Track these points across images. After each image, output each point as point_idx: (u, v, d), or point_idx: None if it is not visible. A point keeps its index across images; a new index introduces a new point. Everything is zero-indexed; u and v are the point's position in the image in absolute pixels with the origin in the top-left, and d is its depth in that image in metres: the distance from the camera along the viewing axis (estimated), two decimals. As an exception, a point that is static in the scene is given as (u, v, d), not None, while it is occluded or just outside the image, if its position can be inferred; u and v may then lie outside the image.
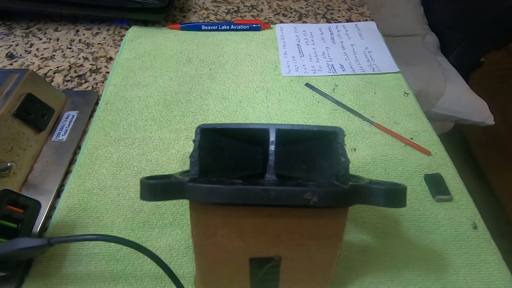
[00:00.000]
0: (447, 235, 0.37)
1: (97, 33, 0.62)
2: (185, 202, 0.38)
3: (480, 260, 0.35)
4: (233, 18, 0.67)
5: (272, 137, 0.26)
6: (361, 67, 0.57)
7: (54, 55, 0.57)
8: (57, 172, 0.40)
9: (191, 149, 0.23)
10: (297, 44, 0.61)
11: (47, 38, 0.61)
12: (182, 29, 0.62)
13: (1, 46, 0.59)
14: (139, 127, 0.46)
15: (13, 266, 0.30)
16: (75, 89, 0.52)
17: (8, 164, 0.38)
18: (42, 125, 0.43)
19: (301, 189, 0.21)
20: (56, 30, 0.63)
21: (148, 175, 0.41)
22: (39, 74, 0.53)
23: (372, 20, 0.67)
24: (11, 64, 0.55)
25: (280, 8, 0.70)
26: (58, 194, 0.39)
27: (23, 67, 0.55)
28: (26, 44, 0.59)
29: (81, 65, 0.56)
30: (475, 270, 0.34)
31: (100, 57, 0.57)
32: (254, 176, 0.27)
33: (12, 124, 0.39)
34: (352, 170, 0.42)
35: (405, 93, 0.52)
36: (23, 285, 0.32)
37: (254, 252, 0.25)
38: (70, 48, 0.59)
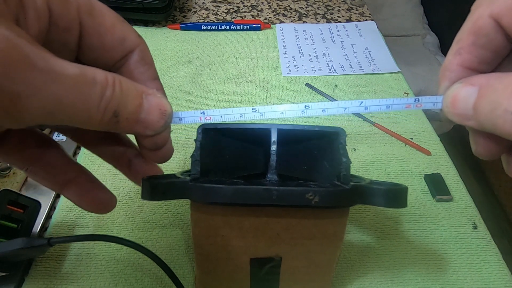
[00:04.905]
0: (447, 235, 0.37)
1: (97, 33, 0.62)
2: (186, 202, 0.38)
3: (480, 260, 0.35)
4: (233, 18, 0.67)
5: (274, 137, 0.26)
6: (361, 67, 0.57)
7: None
8: (57, 172, 0.40)
9: (191, 149, 0.23)
10: (297, 44, 0.61)
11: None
12: (182, 29, 0.62)
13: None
14: (139, 127, 0.46)
15: (13, 266, 0.30)
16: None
17: (8, 164, 0.38)
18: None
19: (303, 189, 0.21)
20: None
21: (148, 175, 0.41)
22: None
23: (372, 20, 0.67)
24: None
25: (280, 8, 0.70)
26: (58, 194, 0.39)
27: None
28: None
29: (81, 65, 0.56)
30: (475, 270, 0.34)
31: (100, 56, 0.57)
32: (255, 176, 0.27)
33: (12, 123, 0.39)
34: (352, 170, 0.42)
35: (405, 93, 0.53)
36: (23, 285, 0.32)
37: (254, 252, 0.25)
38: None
